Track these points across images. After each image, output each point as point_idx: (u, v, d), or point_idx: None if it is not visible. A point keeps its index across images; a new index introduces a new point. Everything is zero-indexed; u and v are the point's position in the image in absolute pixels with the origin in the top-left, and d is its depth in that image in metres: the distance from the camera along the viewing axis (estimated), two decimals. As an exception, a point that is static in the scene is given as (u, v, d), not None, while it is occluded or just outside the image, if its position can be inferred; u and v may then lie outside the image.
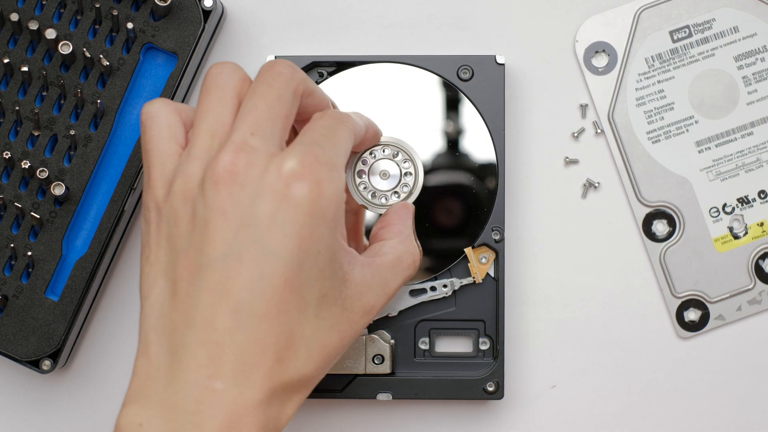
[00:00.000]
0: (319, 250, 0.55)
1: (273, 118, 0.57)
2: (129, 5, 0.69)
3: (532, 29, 0.73)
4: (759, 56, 0.72)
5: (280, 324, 0.55)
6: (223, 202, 0.55)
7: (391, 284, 0.61)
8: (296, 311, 0.55)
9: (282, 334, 0.55)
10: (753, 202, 0.72)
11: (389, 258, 0.62)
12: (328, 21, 0.73)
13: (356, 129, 0.62)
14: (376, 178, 0.70)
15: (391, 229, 0.64)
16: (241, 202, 0.55)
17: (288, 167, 0.55)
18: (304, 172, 0.55)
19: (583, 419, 0.73)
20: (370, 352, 0.70)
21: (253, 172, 0.55)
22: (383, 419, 0.73)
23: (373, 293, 0.59)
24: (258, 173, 0.55)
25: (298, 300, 0.55)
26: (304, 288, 0.55)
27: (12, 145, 0.69)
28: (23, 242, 0.69)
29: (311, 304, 0.56)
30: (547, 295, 0.72)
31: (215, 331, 0.54)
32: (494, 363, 0.70)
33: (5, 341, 0.69)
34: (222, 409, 0.54)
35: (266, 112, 0.57)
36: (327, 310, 0.56)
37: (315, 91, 0.61)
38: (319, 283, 0.56)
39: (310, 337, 0.56)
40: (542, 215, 0.73)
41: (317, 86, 0.61)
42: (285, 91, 0.58)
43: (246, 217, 0.54)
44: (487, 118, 0.70)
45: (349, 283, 0.58)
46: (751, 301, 0.72)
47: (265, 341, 0.54)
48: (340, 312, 0.57)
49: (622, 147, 0.72)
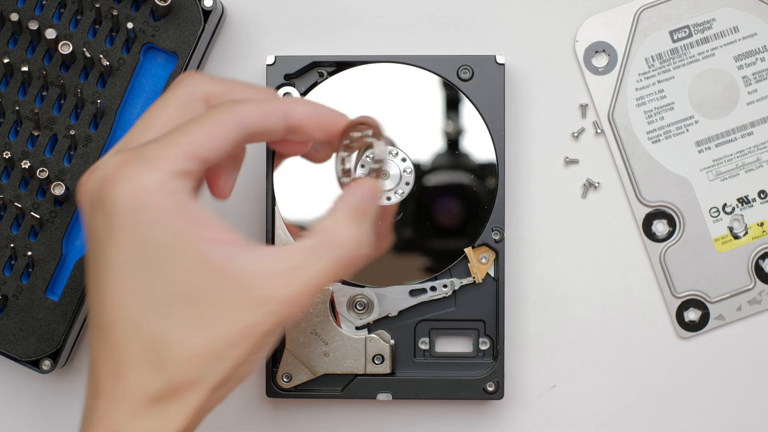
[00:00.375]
0: (148, 248, 0.53)
1: (145, 130, 0.56)
2: (129, 5, 0.69)
3: (532, 29, 0.73)
4: (759, 56, 0.72)
5: (130, 329, 0.53)
6: (84, 220, 0.55)
7: (307, 271, 0.54)
8: (144, 314, 0.53)
9: (134, 338, 0.53)
10: (753, 202, 0.72)
11: (305, 243, 0.55)
12: (328, 21, 0.73)
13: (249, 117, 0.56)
14: (376, 178, 0.71)
15: (329, 209, 0.57)
16: (84, 212, 0.55)
17: (106, 168, 0.54)
18: (116, 173, 0.53)
19: (583, 419, 0.73)
20: (370, 352, 0.70)
21: (95, 185, 0.54)
22: (383, 419, 0.73)
23: (270, 281, 0.53)
24: (98, 185, 0.54)
25: (143, 303, 0.53)
26: (143, 289, 0.53)
27: (12, 145, 0.69)
28: (23, 242, 0.69)
29: (162, 302, 0.53)
30: (547, 295, 0.72)
31: (91, 347, 0.54)
32: (494, 363, 0.70)
33: (5, 341, 0.69)
34: (101, 427, 0.53)
35: (140, 126, 0.57)
36: (186, 308, 0.53)
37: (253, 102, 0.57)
38: (162, 280, 0.53)
39: (168, 338, 0.53)
40: (542, 215, 0.73)
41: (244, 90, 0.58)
42: (170, 103, 0.57)
43: (87, 227, 0.55)
44: (487, 118, 0.70)
45: (227, 276, 0.53)
46: (751, 301, 0.72)
47: (120, 349, 0.53)
48: (210, 308, 0.53)
49: (622, 147, 0.72)
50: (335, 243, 0.55)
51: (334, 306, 0.71)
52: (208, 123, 0.55)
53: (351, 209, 0.57)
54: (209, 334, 0.53)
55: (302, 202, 0.71)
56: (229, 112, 0.55)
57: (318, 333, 0.70)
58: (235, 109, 0.56)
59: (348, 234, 0.56)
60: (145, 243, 0.53)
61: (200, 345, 0.53)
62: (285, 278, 0.54)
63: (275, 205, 0.70)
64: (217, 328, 0.53)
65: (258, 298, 0.53)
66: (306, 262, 0.54)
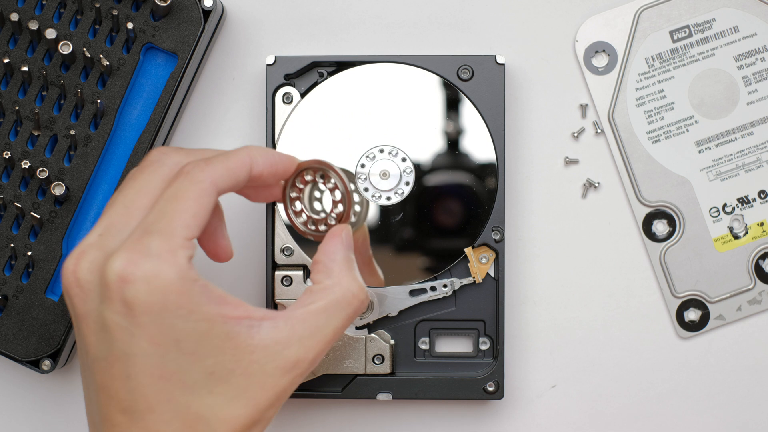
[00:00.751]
0: (178, 338, 0.55)
1: (128, 213, 0.57)
2: (129, 5, 0.69)
3: (532, 29, 0.73)
4: (759, 56, 0.72)
5: (167, 412, 0.55)
6: (77, 308, 0.56)
7: (325, 330, 0.58)
8: (181, 396, 0.55)
9: (173, 420, 0.55)
10: (753, 202, 0.72)
11: (315, 306, 0.59)
12: (328, 21, 0.73)
13: (220, 176, 0.58)
14: (376, 179, 0.71)
15: (318, 269, 0.61)
16: (90, 308, 0.56)
17: (113, 271, 0.54)
18: (128, 273, 0.54)
19: (583, 419, 0.73)
20: (370, 352, 0.70)
21: (92, 278, 0.56)
22: (383, 419, 0.73)
23: (294, 348, 0.57)
24: (96, 278, 0.56)
25: (179, 386, 0.55)
26: (179, 375, 0.55)
27: (12, 145, 0.69)
28: (23, 242, 0.69)
29: (198, 384, 0.56)
30: (547, 295, 0.72)
31: (115, 427, 0.55)
32: (494, 363, 0.70)
33: (5, 341, 0.69)
34: None
35: (121, 207, 0.58)
36: (223, 384, 0.56)
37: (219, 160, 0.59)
38: (197, 364, 0.55)
39: (208, 414, 0.56)
40: (542, 215, 0.73)
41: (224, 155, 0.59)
42: (148, 182, 0.58)
43: (99, 324, 0.55)
44: (487, 118, 0.70)
45: (252, 348, 0.56)
46: (751, 301, 0.72)
47: (159, 430, 0.55)
48: (245, 380, 0.56)
49: (622, 147, 0.72)
50: (349, 300, 0.59)
51: (334, 306, 0.71)
52: (192, 198, 0.56)
53: (347, 261, 0.61)
54: (248, 404, 0.56)
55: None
56: (204, 179, 0.57)
57: (318, 333, 0.70)
58: (206, 172, 0.57)
59: (357, 288, 0.60)
60: (175, 335, 0.55)
61: (241, 416, 0.56)
62: (307, 341, 0.57)
63: (275, 205, 0.70)
64: (254, 398, 0.56)
65: (286, 365, 0.57)
66: (324, 323, 0.58)
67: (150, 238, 0.55)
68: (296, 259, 0.70)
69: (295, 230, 0.64)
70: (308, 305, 0.58)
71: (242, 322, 0.56)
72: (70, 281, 0.56)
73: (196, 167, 0.57)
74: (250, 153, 0.60)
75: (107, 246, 0.56)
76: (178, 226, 0.56)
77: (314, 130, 0.71)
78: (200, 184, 0.57)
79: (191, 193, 0.57)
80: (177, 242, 0.55)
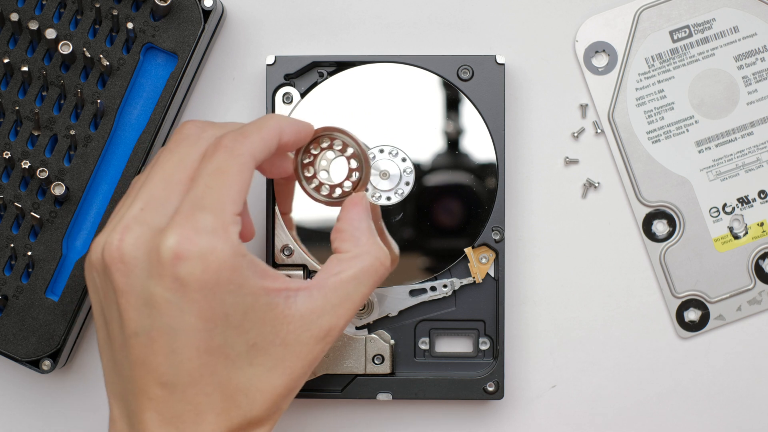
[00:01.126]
0: (226, 312, 0.56)
1: (168, 187, 0.57)
2: (129, 5, 0.69)
3: (532, 29, 0.73)
4: (759, 56, 0.72)
5: (209, 385, 0.56)
6: (118, 283, 0.56)
7: (354, 297, 0.59)
8: (224, 369, 0.56)
9: (214, 392, 0.56)
10: (753, 202, 0.72)
11: (346, 275, 0.59)
12: (328, 21, 0.73)
13: (257, 149, 0.58)
14: (376, 179, 0.71)
15: (343, 237, 0.61)
16: (134, 283, 0.56)
17: (167, 249, 0.55)
18: (184, 250, 0.54)
19: (583, 419, 0.73)
20: (370, 352, 0.70)
21: (138, 253, 0.56)
22: (383, 419, 0.73)
23: (327, 316, 0.58)
24: (143, 254, 0.56)
25: (222, 359, 0.56)
26: (223, 348, 0.56)
27: (12, 145, 0.69)
28: (23, 242, 0.69)
29: (240, 356, 0.56)
30: (547, 295, 0.72)
31: (152, 400, 0.56)
32: (494, 363, 0.70)
33: (5, 341, 0.69)
34: None
35: (161, 181, 0.57)
36: (262, 355, 0.57)
37: (253, 131, 0.59)
38: (241, 337, 0.56)
39: (248, 385, 0.57)
40: (542, 215, 0.73)
41: (256, 124, 0.59)
42: (186, 156, 0.58)
43: (144, 299, 0.55)
44: (487, 118, 0.70)
45: (290, 319, 0.57)
46: (751, 301, 0.72)
47: (199, 402, 0.56)
48: (282, 350, 0.57)
49: (622, 147, 0.72)
50: (377, 267, 0.60)
51: (334, 306, 0.71)
52: (235, 172, 0.57)
53: (370, 229, 0.61)
54: (285, 373, 0.58)
55: (302, 201, 0.71)
56: (244, 152, 0.57)
57: (318, 333, 0.70)
58: (246, 145, 0.57)
59: (384, 254, 0.61)
60: (224, 309, 0.56)
61: (279, 385, 0.58)
62: (339, 309, 0.59)
63: (275, 205, 0.70)
64: (291, 367, 0.58)
65: (320, 334, 0.58)
66: (354, 290, 0.59)
67: (202, 214, 0.55)
68: (296, 259, 0.70)
69: (308, 196, 0.64)
70: (339, 274, 0.59)
71: (281, 293, 0.57)
72: (114, 257, 0.56)
73: (236, 141, 0.57)
74: (279, 122, 0.60)
75: (152, 221, 0.56)
76: (227, 202, 0.56)
77: (314, 130, 0.71)
78: (241, 158, 0.57)
79: (234, 167, 0.57)
80: (228, 218, 0.56)
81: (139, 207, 0.57)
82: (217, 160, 0.57)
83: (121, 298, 0.56)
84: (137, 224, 0.56)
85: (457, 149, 0.71)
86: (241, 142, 0.57)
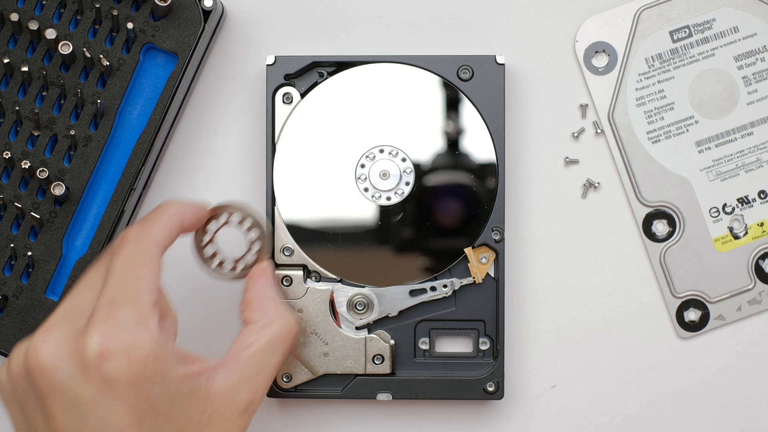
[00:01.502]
0: (153, 403, 0.57)
1: (89, 291, 0.59)
2: (129, 5, 0.69)
3: (532, 29, 0.73)
4: (759, 56, 0.72)
5: None
6: (43, 387, 0.57)
7: (268, 367, 0.62)
8: None
9: None
10: (753, 202, 0.72)
11: (258, 345, 0.62)
12: (328, 21, 0.73)
13: (161, 238, 0.61)
14: (376, 179, 0.71)
15: (252, 308, 0.64)
16: (60, 386, 0.56)
17: (91, 349, 0.56)
18: (108, 348, 0.56)
19: (583, 419, 0.73)
20: (370, 352, 0.70)
21: (62, 356, 0.56)
22: (383, 419, 0.73)
23: (246, 389, 0.61)
24: (67, 356, 0.56)
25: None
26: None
27: (12, 145, 0.69)
28: (23, 242, 0.69)
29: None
30: (547, 295, 0.72)
31: None
32: (494, 363, 0.70)
33: (5, 341, 0.69)
34: None
35: (83, 289, 0.60)
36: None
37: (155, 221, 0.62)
38: (170, 425, 0.58)
39: None
40: (542, 215, 0.73)
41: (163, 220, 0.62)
42: (104, 262, 0.60)
43: (71, 400, 0.56)
44: (487, 118, 0.70)
45: (212, 398, 0.59)
46: (751, 301, 0.72)
47: None
48: (209, 429, 0.59)
49: (622, 147, 0.72)
50: (285, 335, 0.63)
51: (334, 306, 0.71)
52: (145, 263, 0.59)
53: (277, 297, 0.65)
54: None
55: (302, 202, 0.71)
56: (150, 243, 0.60)
57: (318, 333, 0.70)
58: (150, 235, 0.60)
59: (291, 321, 0.64)
60: (151, 400, 0.57)
61: None
62: (255, 381, 0.61)
63: (275, 205, 0.70)
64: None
65: (241, 407, 0.61)
66: (267, 360, 0.62)
67: (120, 309, 0.57)
68: (296, 259, 0.70)
69: (212, 275, 0.67)
70: (251, 345, 0.62)
71: (202, 375, 0.59)
72: (38, 362, 0.57)
73: (140, 233, 0.60)
74: (179, 209, 0.63)
75: (73, 323, 0.58)
76: (142, 293, 0.58)
77: (314, 130, 0.71)
78: (148, 248, 0.60)
79: (143, 258, 0.59)
80: (146, 310, 0.58)
81: (61, 314, 0.59)
82: (125, 253, 0.59)
83: (48, 401, 0.56)
84: (59, 328, 0.58)
85: (457, 149, 0.71)
86: (145, 233, 0.60)
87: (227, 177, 0.72)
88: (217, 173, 0.73)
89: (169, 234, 0.61)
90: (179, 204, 0.63)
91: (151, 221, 0.61)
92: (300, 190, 0.70)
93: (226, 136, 0.73)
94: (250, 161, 0.72)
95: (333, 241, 0.70)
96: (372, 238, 0.70)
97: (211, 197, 0.72)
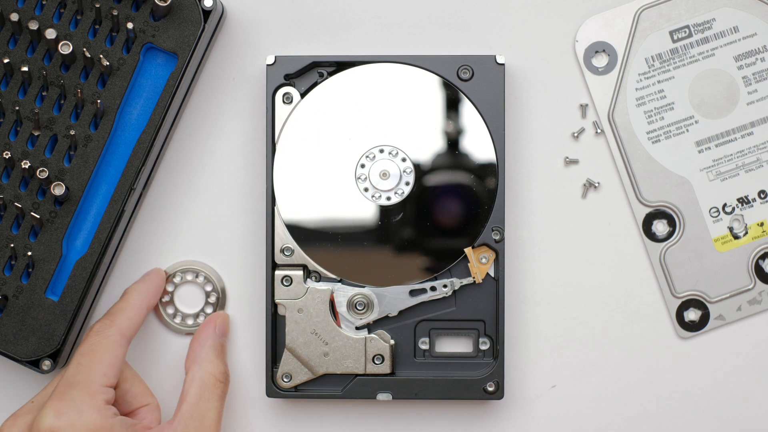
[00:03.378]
0: None
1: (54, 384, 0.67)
2: (129, 5, 0.69)
3: (532, 29, 0.73)
4: (759, 56, 0.72)
5: None
6: None
7: (208, 414, 0.67)
8: None
9: None
10: (753, 202, 0.72)
11: (191, 398, 0.67)
12: (328, 21, 0.73)
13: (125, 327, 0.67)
14: (376, 179, 0.71)
15: (189, 357, 0.69)
16: None
17: (45, 425, 0.63)
18: (56, 422, 0.63)
19: (583, 419, 0.73)
20: (370, 352, 0.70)
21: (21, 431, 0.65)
22: (383, 419, 0.73)
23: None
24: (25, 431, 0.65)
25: None
26: None
27: (12, 145, 0.69)
28: (23, 242, 0.69)
29: None
30: (547, 295, 0.72)
31: None
32: (494, 363, 0.70)
33: (5, 341, 0.69)
34: None
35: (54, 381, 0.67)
36: None
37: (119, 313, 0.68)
38: None
39: None
40: (542, 215, 0.73)
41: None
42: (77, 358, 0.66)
43: None
44: (487, 118, 0.70)
45: None
46: (751, 301, 0.72)
47: None
48: None
49: (622, 147, 0.72)
50: (213, 383, 0.67)
51: (334, 306, 0.71)
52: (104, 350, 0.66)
53: (215, 347, 0.69)
54: None
55: (302, 201, 0.71)
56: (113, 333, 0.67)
57: (318, 333, 0.70)
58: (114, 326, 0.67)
59: (219, 371, 0.68)
60: None
61: None
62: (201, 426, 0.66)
63: (275, 205, 0.70)
64: None
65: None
66: (206, 408, 0.67)
67: (72, 390, 0.64)
68: (296, 259, 0.71)
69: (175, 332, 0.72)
70: (186, 397, 0.67)
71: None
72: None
73: (104, 325, 0.67)
74: (142, 297, 0.69)
75: (38, 407, 0.66)
76: (96, 375, 0.65)
77: (314, 130, 0.71)
78: (110, 338, 0.66)
79: (102, 345, 0.66)
80: (95, 388, 0.65)
81: (32, 401, 0.67)
82: (88, 342, 0.66)
83: None
84: (25, 413, 0.66)
85: (457, 149, 0.71)
86: (108, 325, 0.67)
87: (227, 177, 0.72)
88: (217, 173, 0.73)
89: (132, 323, 0.68)
90: (142, 291, 0.69)
91: (115, 313, 0.68)
92: (300, 190, 0.70)
93: (226, 136, 0.73)
94: (250, 161, 0.72)
95: (333, 241, 0.70)
96: (372, 238, 0.70)
97: (211, 197, 0.72)
